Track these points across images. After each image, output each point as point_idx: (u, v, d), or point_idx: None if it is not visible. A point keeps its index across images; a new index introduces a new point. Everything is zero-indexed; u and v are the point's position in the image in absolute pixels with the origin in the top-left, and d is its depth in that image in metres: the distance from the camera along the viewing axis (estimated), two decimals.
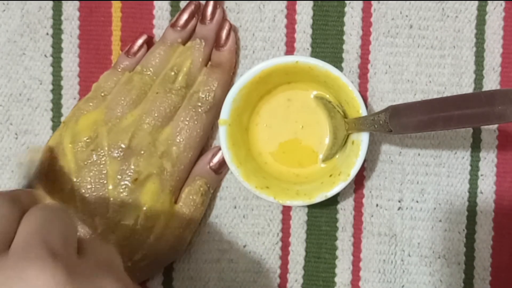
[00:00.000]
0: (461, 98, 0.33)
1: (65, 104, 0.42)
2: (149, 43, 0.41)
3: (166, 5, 0.42)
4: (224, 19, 0.41)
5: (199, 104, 0.39)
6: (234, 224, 0.42)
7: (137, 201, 0.37)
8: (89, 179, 0.37)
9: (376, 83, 0.42)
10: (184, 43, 0.41)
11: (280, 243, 0.42)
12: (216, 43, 0.40)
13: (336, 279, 0.42)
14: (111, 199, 0.37)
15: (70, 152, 0.38)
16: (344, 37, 0.42)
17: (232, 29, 0.40)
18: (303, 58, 0.37)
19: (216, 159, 0.40)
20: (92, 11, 0.42)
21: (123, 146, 0.38)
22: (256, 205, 0.42)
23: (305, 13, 0.42)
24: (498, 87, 0.41)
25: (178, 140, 0.38)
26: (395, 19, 0.41)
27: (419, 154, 0.42)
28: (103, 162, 0.38)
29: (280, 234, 0.42)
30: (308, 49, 0.42)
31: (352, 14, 0.42)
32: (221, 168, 0.40)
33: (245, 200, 0.42)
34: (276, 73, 0.38)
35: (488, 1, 0.41)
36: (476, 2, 0.41)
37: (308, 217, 0.42)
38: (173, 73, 0.39)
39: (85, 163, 0.38)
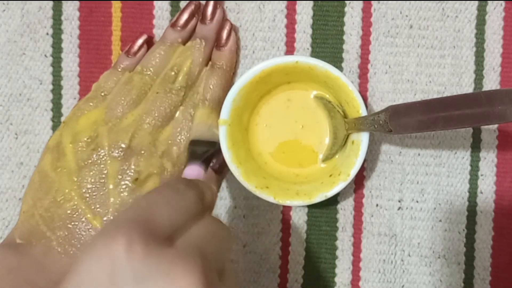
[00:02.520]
0: (461, 98, 0.33)
1: (65, 104, 0.42)
2: (149, 43, 0.41)
3: (166, 5, 0.42)
4: (225, 19, 0.41)
5: (200, 104, 0.39)
6: (234, 224, 0.42)
7: None
8: (89, 179, 0.37)
9: (376, 83, 0.42)
10: (184, 43, 0.41)
11: (280, 243, 0.42)
12: (217, 43, 0.40)
13: (336, 279, 0.42)
14: (112, 199, 0.37)
15: (70, 152, 0.38)
16: (344, 37, 0.42)
17: (233, 29, 0.40)
18: (303, 58, 0.37)
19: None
20: (92, 11, 0.42)
21: (123, 146, 0.38)
22: (256, 205, 0.42)
23: (305, 13, 0.42)
24: (498, 87, 0.41)
25: (178, 140, 0.38)
26: (395, 19, 0.41)
27: (419, 154, 0.42)
28: (104, 162, 0.38)
29: (280, 234, 0.42)
30: (308, 49, 0.42)
31: (352, 14, 0.42)
32: (222, 168, 0.40)
33: (245, 200, 0.42)
34: (276, 73, 0.38)
35: (488, 1, 0.41)
36: (476, 2, 0.41)
37: (308, 217, 0.42)
38: (173, 73, 0.39)
39: (86, 163, 0.38)
